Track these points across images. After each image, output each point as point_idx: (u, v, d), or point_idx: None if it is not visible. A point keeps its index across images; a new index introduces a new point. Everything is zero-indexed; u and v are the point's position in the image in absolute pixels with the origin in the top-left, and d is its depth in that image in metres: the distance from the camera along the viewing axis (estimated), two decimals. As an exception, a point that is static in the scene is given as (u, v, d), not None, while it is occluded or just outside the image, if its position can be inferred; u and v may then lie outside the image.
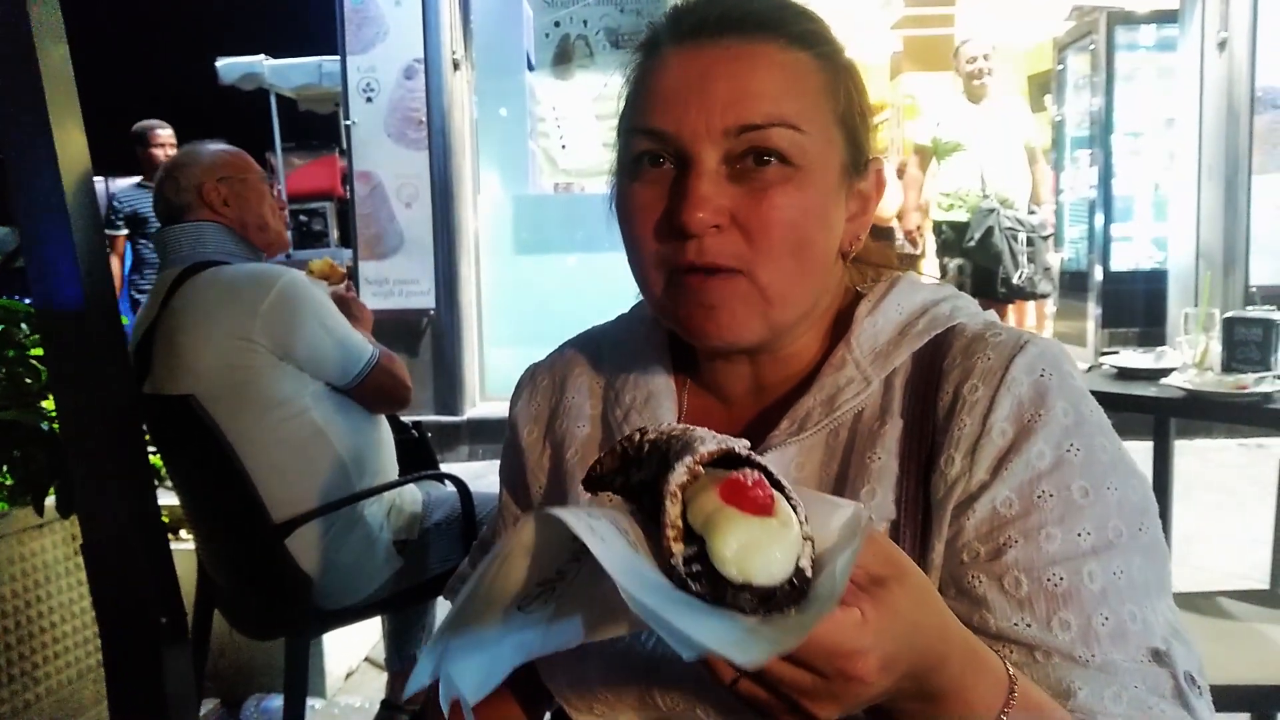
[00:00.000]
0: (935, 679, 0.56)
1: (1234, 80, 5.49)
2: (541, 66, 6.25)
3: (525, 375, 0.98)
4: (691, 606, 0.48)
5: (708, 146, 0.72)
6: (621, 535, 0.52)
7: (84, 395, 1.68)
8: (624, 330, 0.93)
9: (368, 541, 2.16)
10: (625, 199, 0.77)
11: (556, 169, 6.40)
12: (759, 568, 0.48)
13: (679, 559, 0.49)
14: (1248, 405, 2.08)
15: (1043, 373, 0.73)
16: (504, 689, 0.92)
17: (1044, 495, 0.70)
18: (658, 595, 0.48)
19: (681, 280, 0.74)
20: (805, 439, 0.78)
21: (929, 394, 0.76)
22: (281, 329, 2.02)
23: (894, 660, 0.52)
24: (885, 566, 0.53)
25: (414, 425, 2.63)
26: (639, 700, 0.79)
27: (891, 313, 0.81)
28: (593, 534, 0.50)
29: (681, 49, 0.75)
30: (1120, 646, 0.67)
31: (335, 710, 2.70)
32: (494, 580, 0.55)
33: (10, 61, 1.57)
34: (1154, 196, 6.84)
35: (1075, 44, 7.27)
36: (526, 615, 0.56)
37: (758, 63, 0.73)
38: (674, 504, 0.50)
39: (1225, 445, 5.24)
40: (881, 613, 0.51)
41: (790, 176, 0.73)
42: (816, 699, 0.51)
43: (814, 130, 0.74)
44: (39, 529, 2.30)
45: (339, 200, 11.47)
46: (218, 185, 2.18)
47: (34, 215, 1.63)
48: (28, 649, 2.26)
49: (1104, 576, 0.68)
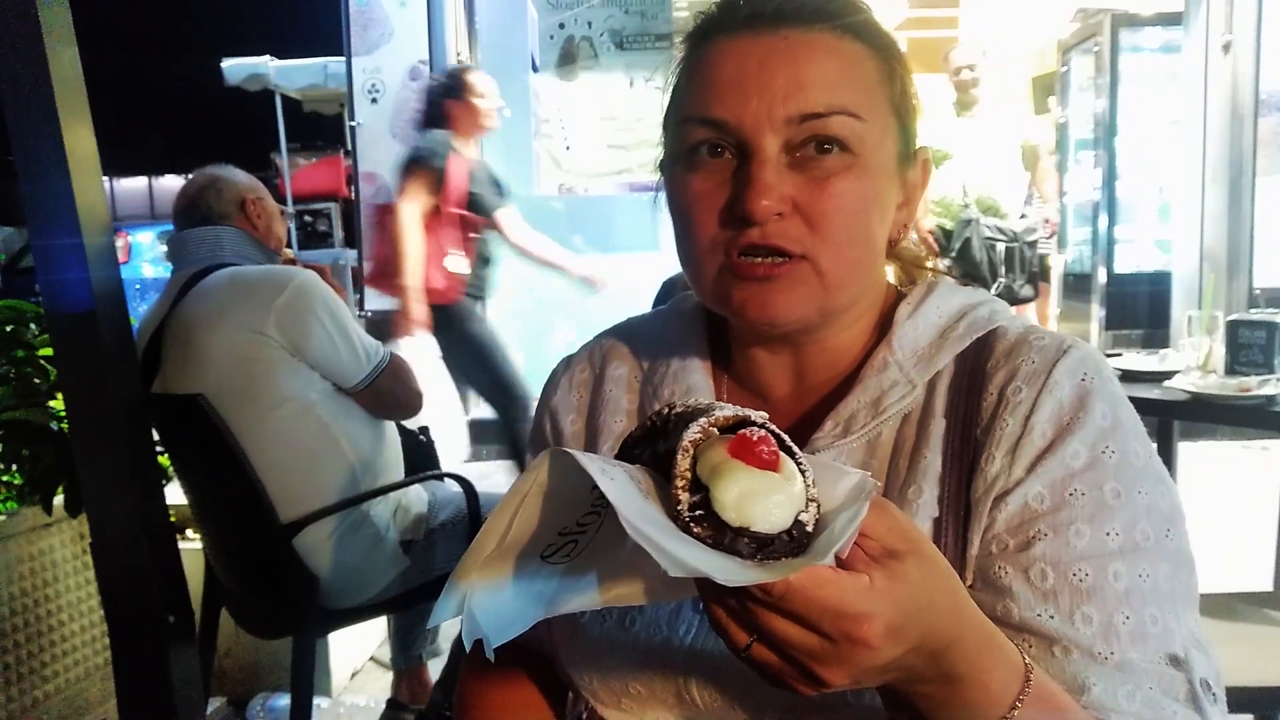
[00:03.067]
0: (949, 658, 0.57)
1: (1238, 83, 5.49)
2: (546, 68, 6.27)
3: (561, 365, 0.97)
4: (692, 546, 0.51)
5: (769, 135, 0.72)
6: (635, 484, 0.55)
7: (92, 395, 1.69)
8: (661, 324, 0.93)
9: (374, 541, 2.17)
10: (681, 188, 0.77)
11: (560, 170, 6.41)
12: (758, 515, 0.51)
13: (685, 505, 0.52)
14: (1251, 408, 2.09)
15: (1084, 376, 0.74)
16: (526, 688, 0.93)
17: (1076, 493, 0.71)
18: (658, 529, 0.50)
19: (743, 264, 0.74)
20: (850, 442, 0.78)
21: (973, 395, 0.77)
22: (294, 325, 2.05)
23: (900, 629, 0.53)
24: (900, 541, 0.55)
25: (421, 430, 2.64)
26: (676, 696, 0.78)
27: (931, 315, 0.81)
28: (604, 475, 0.52)
29: (737, 39, 0.75)
30: (1139, 647, 0.68)
31: (341, 709, 2.70)
32: (515, 519, 0.58)
33: (21, 64, 1.58)
34: (1158, 199, 6.83)
35: (1079, 46, 7.26)
36: (549, 565, 0.58)
37: (816, 51, 0.73)
38: (684, 457, 0.53)
39: (1229, 448, 5.23)
40: (890, 582, 0.53)
41: (850, 165, 0.73)
42: (825, 663, 0.52)
43: (872, 119, 0.74)
44: (47, 528, 2.32)
45: (344, 201, 11.49)
46: (255, 202, 2.32)
47: (44, 216, 1.64)
48: (36, 647, 2.27)
49: (1129, 577, 0.69)
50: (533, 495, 0.60)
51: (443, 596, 0.59)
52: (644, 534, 0.49)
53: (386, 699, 2.56)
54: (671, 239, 0.80)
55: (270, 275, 2.12)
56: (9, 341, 2.34)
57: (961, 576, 0.72)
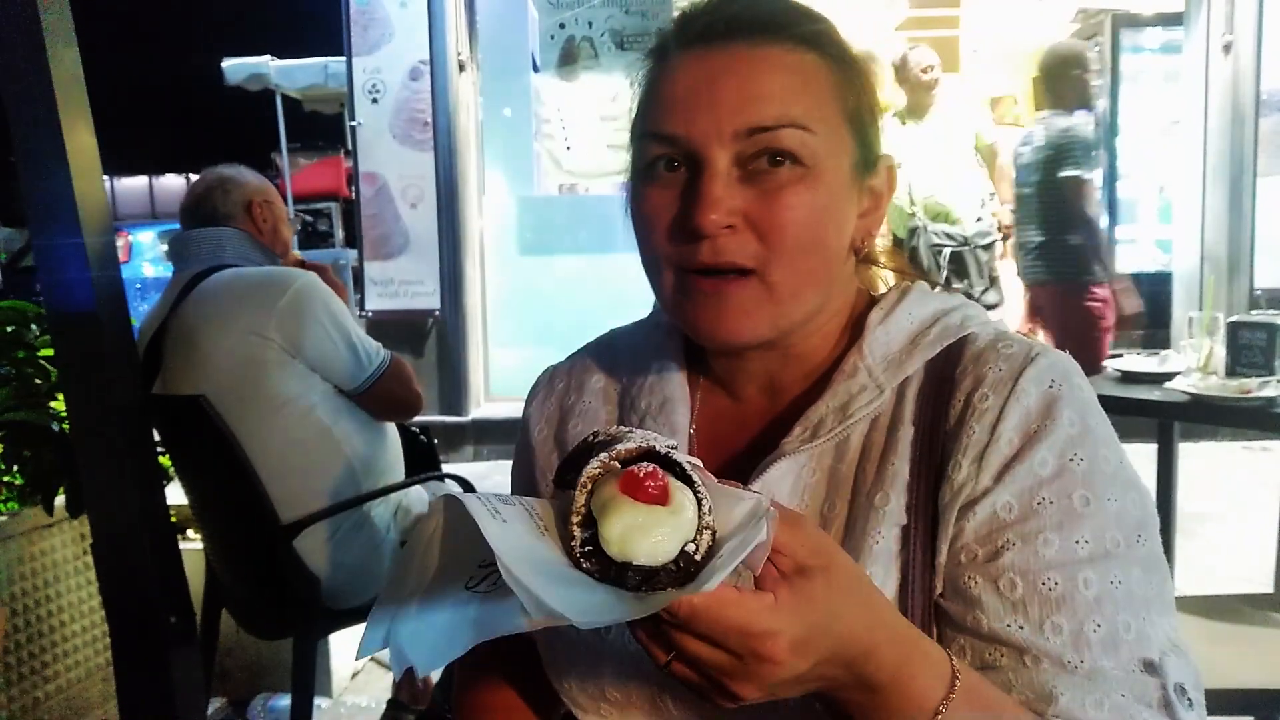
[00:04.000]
0: (866, 668, 0.59)
1: (1239, 83, 5.49)
2: (546, 68, 6.26)
3: (543, 376, 0.99)
4: (579, 582, 0.54)
5: (718, 149, 0.73)
6: (530, 520, 0.58)
7: (93, 395, 1.69)
8: (641, 335, 0.94)
9: (375, 542, 2.17)
10: (639, 203, 0.78)
11: (561, 170, 6.40)
12: (641, 549, 0.53)
13: (578, 541, 0.55)
14: (1252, 410, 2.09)
15: (1052, 384, 0.74)
16: (516, 695, 0.93)
17: (1044, 502, 0.71)
18: (542, 569, 0.53)
19: (693, 281, 0.76)
20: (818, 445, 0.78)
21: (940, 402, 0.77)
22: (295, 327, 2.05)
23: (805, 643, 0.54)
24: (813, 557, 0.56)
25: (422, 431, 2.65)
26: (650, 704, 0.79)
27: (903, 321, 0.82)
28: (492, 517, 0.55)
29: (690, 54, 0.76)
30: (1111, 654, 0.68)
31: (341, 709, 2.71)
32: (423, 559, 0.62)
33: (22, 65, 1.58)
34: (1158, 199, 6.83)
35: (1080, 46, 7.27)
36: (474, 595, 0.60)
37: (765, 65, 0.74)
38: (581, 493, 0.56)
39: (1230, 448, 5.23)
40: (796, 599, 0.55)
41: (802, 177, 0.74)
42: (736, 678, 0.55)
43: (823, 130, 0.75)
44: (48, 528, 2.32)
45: (344, 201, 11.50)
46: (262, 204, 2.31)
47: (45, 217, 1.64)
48: (37, 647, 2.27)
49: (1099, 584, 0.69)
50: (437, 536, 0.63)
51: (366, 630, 0.60)
52: (514, 576, 0.51)
53: (387, 700, 2.56)
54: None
55: (272, 277, 2.12)
56: (10, 342, 2.34)
57: (930, 584, 0.73)
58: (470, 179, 5.96)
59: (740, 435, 0.85)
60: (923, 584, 0.73)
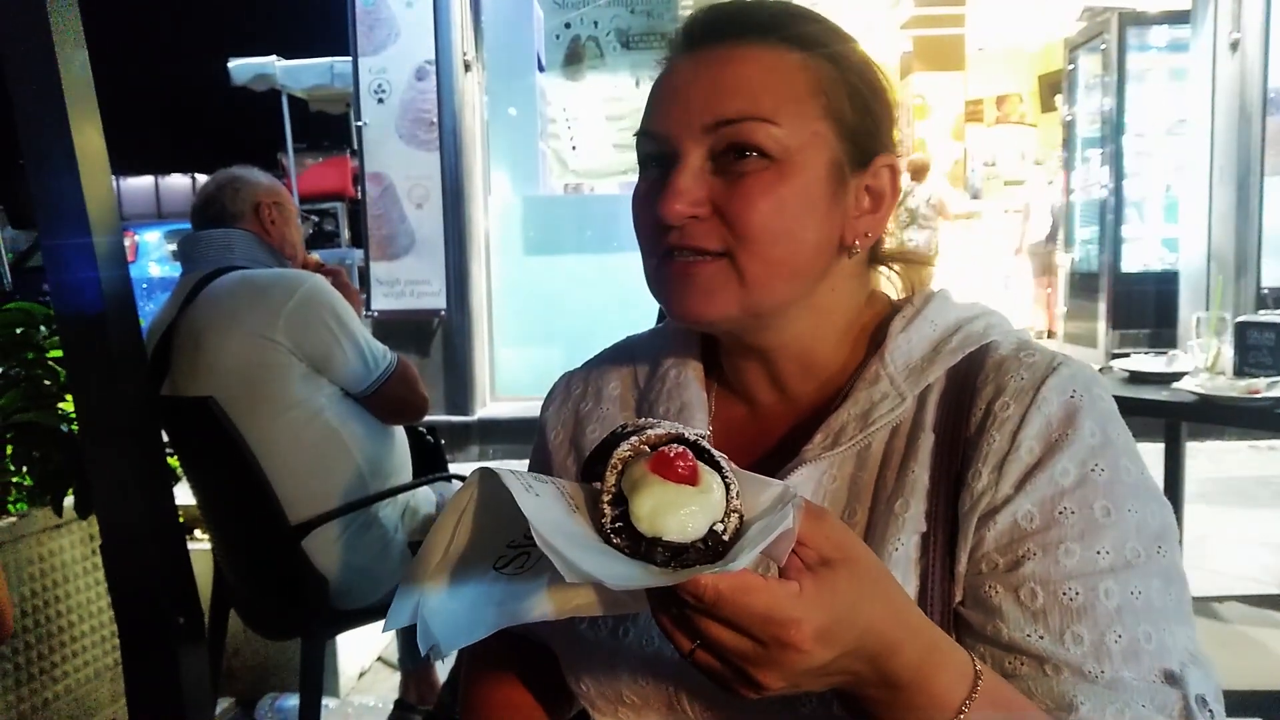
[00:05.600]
0: (890, 664, 0.59)
1: (1246, 81, 5.47)
2: (552, 68, 6.27)
3: (560, 382, 1.00)
4: (610, 555, 0.55)
5: (691, 143, 0.76)
6: (562, 498, 0.59)
7: (102, 397, 1.69)
8: (657, 342, 0.95)
9: (383, 543, 2.17)
10: (633, 197, 0.82)
11: (567, 170, 6.41)
12: (671, 525, 0.54)
13: (608, 518, 0.56)
14: (1259, 410, 2.08)
15: (1073, 394, 0.74)
16: (526, 692, 0.94)
17: (1065, 511, 0.71)
18: (575, 542, 0.54)
19: (666, 264, 0.78)
20: (839, 453, 0.78)
21: (962, 409, 0.77)
22: (302, 330, 2.05)
23: (829, 633, 0.55)
24: (835, 551, 0.57)
25: (429, 431, 2.65)
26: (667, 706, 0.79)
27: (925, 329, 0.82)
28: (526, 491, 0.56)
29: (681, 57, 0.80)
30: (1132, 665, 0.68)
31: (349, 709, 2.71)
32: (456, 532, 0.63)
33: (31, 67, 1.59)
34: (1165, 197, 6.82)
35: (1087, 44, 7.25)
36: (501, 576, 0.61)
37: (736, 61, 0.77)
38: (612, 473, 0.58)
39: (1237, 448, 5.22)
40: (820, 589, 0.55)
41: (767, 168, 0.75)
42: (759, 666, 0.55)
43: (793, 125, 0.76)
44: (58, 529, 2.32)
45: (350, 201, 11.52)
46: (270, 206, 2.31)
47: (54, 218, 1.65)
48: (46, 648, 2.28)
49: (1120, 595, 0.69)
50: (470, 511, 0.63)
51: (395, 603, 0.61)
52: (549, 544, 0.52)
53: (394, 699, 2.56)
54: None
55: (280, 280, 2.12)
56: (19, 344, 2.34)
57: (949, 592, 0.73)
58: (476, 179, 5.97)
59: (759, 442, 0.85)
60: (942, 591, 0.73)
